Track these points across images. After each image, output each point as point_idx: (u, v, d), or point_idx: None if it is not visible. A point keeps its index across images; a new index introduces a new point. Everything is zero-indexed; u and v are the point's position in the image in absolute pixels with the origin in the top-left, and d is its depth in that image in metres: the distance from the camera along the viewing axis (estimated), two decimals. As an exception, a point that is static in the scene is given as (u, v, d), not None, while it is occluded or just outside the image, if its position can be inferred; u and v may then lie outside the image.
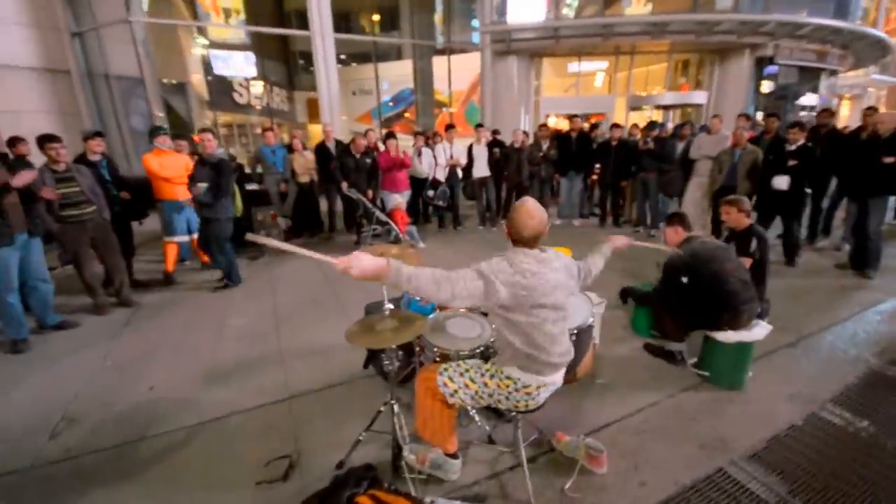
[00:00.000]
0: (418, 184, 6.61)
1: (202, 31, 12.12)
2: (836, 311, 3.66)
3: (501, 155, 6.91)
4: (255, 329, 3.67)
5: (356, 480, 1.72)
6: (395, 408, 1.99)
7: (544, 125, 6.75)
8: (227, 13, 13.18)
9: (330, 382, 2.85)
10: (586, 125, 8.06)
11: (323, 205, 6.58)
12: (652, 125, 6.30)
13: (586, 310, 2.40)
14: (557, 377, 1.82)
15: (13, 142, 3.98)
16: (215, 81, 12.54)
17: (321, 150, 6.05)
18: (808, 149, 4.55)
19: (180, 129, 11.51)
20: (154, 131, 4.65)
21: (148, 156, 4.54)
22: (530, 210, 1.70)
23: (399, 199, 5.79)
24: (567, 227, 6.85)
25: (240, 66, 13.07)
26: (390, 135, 5.80)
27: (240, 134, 14.86)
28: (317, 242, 6.29)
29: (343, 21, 13.71)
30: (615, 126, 6.45)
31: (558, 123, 6.62)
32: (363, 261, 1.45)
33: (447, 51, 11.52)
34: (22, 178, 3.17)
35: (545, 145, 6.60)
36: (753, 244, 3.20)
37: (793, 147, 4.60)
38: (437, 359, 2.06)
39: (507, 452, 2.17)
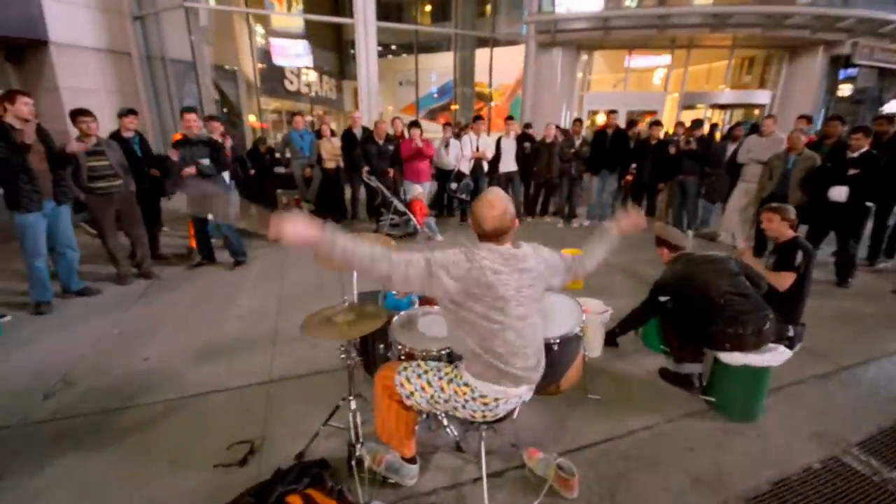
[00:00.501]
0: (444, 175, 6.51)
1: (260, 19, 12.47)
2: (885, 342, 3.20)
3: (531, 150, 6.66)
4: (258, 310, 3.72)
5: (297, 476, 1.65)
6: (353, 404, 1.90)
7: (578, 120, 6.42)
8: (290, 3, 13.54)
9: (315, 369, 2.81)
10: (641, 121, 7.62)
11: (347, 192, 6.61)
12: (697, 123, 5.81)
13: (574, 318, 2.20)
14: (521, 389, 1.65)
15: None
16: (267, 68, 12.91)
17: (347, 136, 6.07)
18: (871, 156, 4.01)
19: (230, 112, 12.03)
20: (183, 110, 4.81)
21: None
22: (491, 201, 1.55)
23: (419, 190, 5.71)
24: (595, 230, 6.48)
25: (295, 54, 13.26)
26: (414, 123, 5.72)
27: (287, 121, 15.33)
28: (339, 229, 6.34)
29: (395, 10, 13.66)
30: (655, 124, 6.02)
31: (608, 121, 6.25)
32: (297, 226, 1.35)
33: (490, 42, 11.26)
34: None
35: (578, 141, 6.29)
36: (799, 257, 2.83)
37: (855, 154, 4.08)
38: (402, 357, 1.95)
39: (473, 462, 2.03)
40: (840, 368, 2.88)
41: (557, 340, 2.03)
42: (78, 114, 3.83)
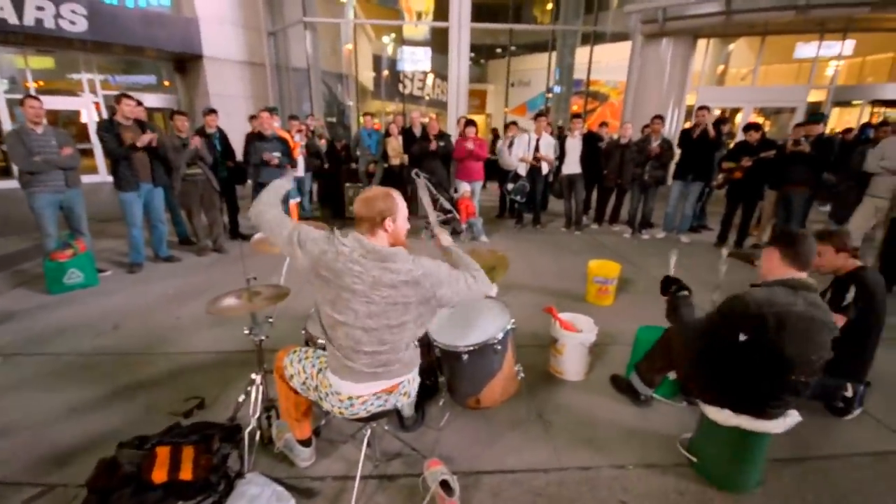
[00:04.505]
0: (506, 176, 6.35)
1: (392, 30, 13.48)
2: None
3: (605, 150, 6.12)
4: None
5: (187, 432, 1.83)
6: (258, 380, 2.03)
7: (658, 117, 5.66)
8: (419, 15, 14.52)
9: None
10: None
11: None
12: (815, 118, 4.66)
13: (494, 327, 1.99)
14: (372, 388, 1.58)
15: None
16: (381, 73, 13.96)
17: (406, 134, 6.30)
18: None
19: (339, 114, 13.35)
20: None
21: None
22: (372, 189, 1.58)
23: (467, 188, 5.66)
24: (668, 244, 5.66)
25: (416, 60, 13.90)
26: (469, 122, 5.68)
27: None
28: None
29: (515, 10, 13.58)
30: (752, 125, 5.03)
31: (698, 119, 5.36)
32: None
33: (591, 38, 10.60)
34: (143, 140, 4.14)
35: (655, 141, 5.57)
36: (850, 295, 2.22)
37: None
38: (306, 342, 2.01)
39: (372, 460, 1.99)
40: (913, 451, 2.11)
41: (467, 350, 1.88)
42: (176, 113, 4.68)
